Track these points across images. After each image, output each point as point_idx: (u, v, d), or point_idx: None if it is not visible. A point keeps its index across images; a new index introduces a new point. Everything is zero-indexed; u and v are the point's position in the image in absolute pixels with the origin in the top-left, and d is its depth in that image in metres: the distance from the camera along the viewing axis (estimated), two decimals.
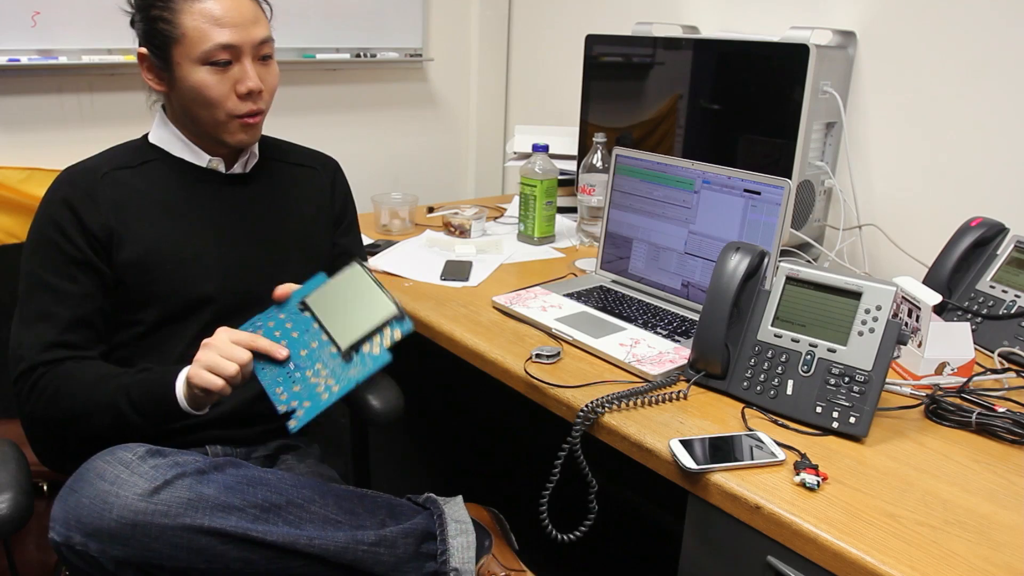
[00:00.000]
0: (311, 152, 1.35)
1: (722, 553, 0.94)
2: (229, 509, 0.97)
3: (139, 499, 0.93)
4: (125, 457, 0.97)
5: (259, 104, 1.16)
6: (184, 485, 0.96)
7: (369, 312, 1.06)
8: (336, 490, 1.09)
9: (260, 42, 1.13)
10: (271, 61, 1.17)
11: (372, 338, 1.05)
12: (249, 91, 1.13)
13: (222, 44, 1.09)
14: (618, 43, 1.86)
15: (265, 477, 1.03)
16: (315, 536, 1.01)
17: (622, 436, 1.02)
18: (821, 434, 1.01)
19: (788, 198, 1.26)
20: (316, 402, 1.04)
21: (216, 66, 1.11)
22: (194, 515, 0.95)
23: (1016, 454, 0.99)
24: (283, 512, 1.01)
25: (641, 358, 1.19)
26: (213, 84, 1.11)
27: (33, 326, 1.09)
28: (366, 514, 1.08)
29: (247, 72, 1.12)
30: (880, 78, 1.61)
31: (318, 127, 2.23)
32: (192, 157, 1.19)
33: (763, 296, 1.11)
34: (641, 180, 1.46)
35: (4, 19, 1.68)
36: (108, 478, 0.95)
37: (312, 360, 1.06)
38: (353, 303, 1.07)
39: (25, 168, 1.73)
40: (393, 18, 2.24)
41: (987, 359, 1.26)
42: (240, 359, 1.00)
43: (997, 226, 1.36)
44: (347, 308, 1.07)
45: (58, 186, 1.13)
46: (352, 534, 1.04)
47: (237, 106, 1.14)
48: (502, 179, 2.66)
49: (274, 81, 1.18)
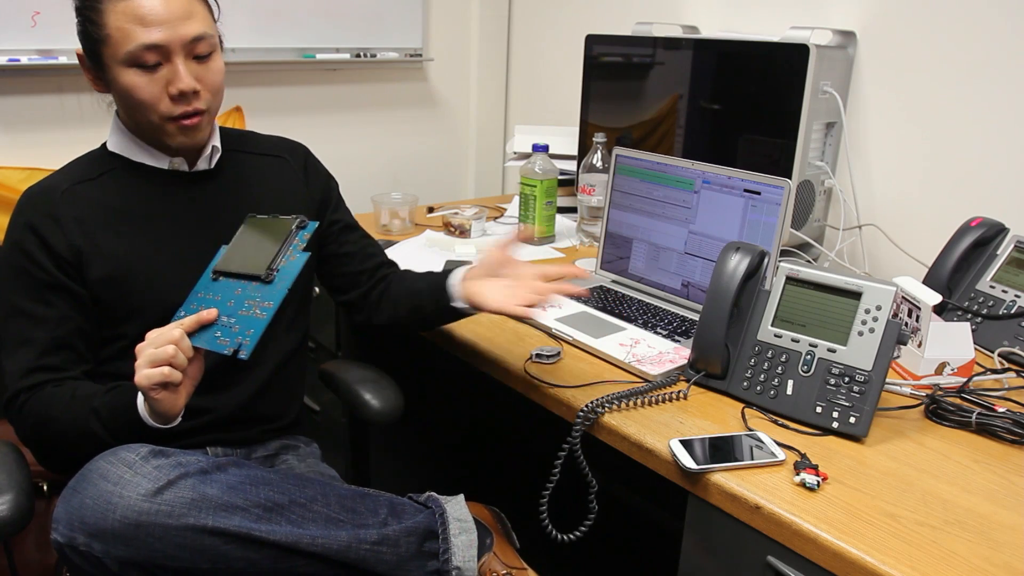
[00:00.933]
0: (278, 140, 1.31)
1: (722, 553, 0.94)
2: (232, 509, 0.97)
3: (143, 499, 0.93)
4: (128, 457, 0.96)
5: (195, 104, 1.09)
6: (187, 485, 0.96)
7: (273, 236, 1.07)
8: (338, 489, 1.09)
9: (192, 39, 1.06)
10: (213, 57, 1.10)
11: (284, 252, 1.06)
12: (181, 92, 1.06)
13: (146, 44, 1.03)
14: (618, 43, 1.86)
15: (268, 476, 1.03)
16: (318, 535, 1.00)
17: (622, 436, 1.02)
18: (821, 434, 1.01)
19: (788, 198, 1.26)
20: (256, 325, 1.03)
21: (144, 68, 1.04)
22: (198, 515, 0.94)
23: (1016, 454, 0.99)
24: (286, 511, 1.00)
25: (641, 358, 1.19)
26: (143, 86, 1.05)
27: (13, 353, 1.09)
28: (368, 513, 1.07)
29: (177, 72, 1.05)
30: (880, 78, 1.61)
31: (318, 127, 2.23)
32: (152, 160, 1.15)
33: (763, 296, 1.11)
34: (641, 180, 1.46)
35: (4, 19, 1.68)
36: (111, 479, 0.94)
37: (240, 301, 1.05)
38: (256, 240, 1.07)
39: (25, 168, 1.73)
40: (393, 18, 2.24)
41: (987, 359, 1.26)
42: (172, 337, 0.97)
43: (997, 226, 1.36)
44: (253, 246, 1.07)
45: (19, 210, 1.11)
46: (355, 533, 1.03)
47: (170, 108, 1.07)
48: (502, 179, 2.66)
49: (215, 79, 1.11)
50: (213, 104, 1.13)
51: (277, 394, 1.26)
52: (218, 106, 1.16)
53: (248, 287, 1.05)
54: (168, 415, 1.01)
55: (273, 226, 1.09)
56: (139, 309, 1.12)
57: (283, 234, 1.07)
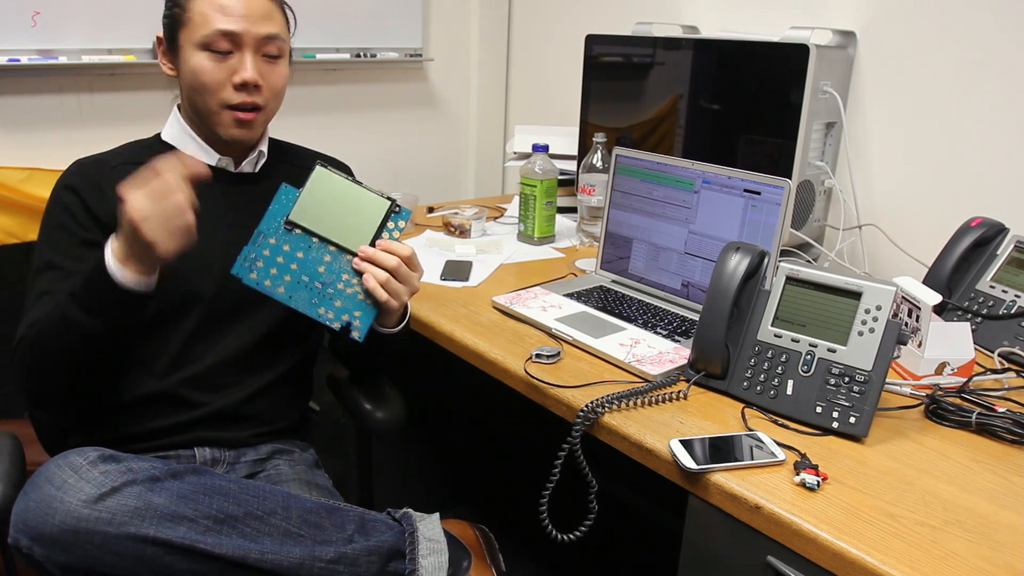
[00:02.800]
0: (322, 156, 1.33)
1: (722, 553, 0.94)
2: (178, 519, 0.94)
3: (82, 505, 0.91)
4: (76, 462, 0.95)
5: (255, 98, 1.14)
6: (132, 493, 0.94)
7: (364, 211, 1.07)
8: (303, 502, 1.06)
9: (264, 37, 1.13)
10: (279, 62, 1.17)
11: (381, 236, 1.07)
12: (244, 82, 1.12)
13: (221, 30, 1.10)
14: (618, 43, 1.86)
15: (226, 487, 1.01)
16: (268, 551, 0.98)
17: (622, 436, 1.02)
18: (821, 434, 1.01)
19: (788, 198, 1.26)
20: (365, 309, 1.07)
21: (215, 53, 1.11)
22: (139, 524, 0.92)
23: (1016, 454, 0.99)
24: (239, 524, 0.98)
25: (641, 358, 1.19)
26: (209, 69, 1.11)
27: (37, 303, 1.09)
28: (333, 528, 1.05)
29: (244, 62, 1.12)
30: (880, 78, 1.61)
31: (318, 127, 2.23)
32: (202, 155, 1.19)
33: (763, 296, 1.11)
34: (641, 180, 1.46)
35: (4, 19, 1.68)
36: (56, 482, 0.93)
37: (335, 273, 1.07)
38: (341, 207, 1.07)
39: (25, 168, 1.73)
40: (393, 18, 2.24)
41: (987, 359, 1.26)
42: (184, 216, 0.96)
43: (997, 226, 1.36)
44: (338, 213, 1.07)
45: (66, 176, 1.15)
46: (311, 550, 1.01)
47: (231, 95, 1.13)
48: (502, 179, 2.66)
49: (279, 81, 1.17)
50: (271, 105, 1.18)
51: (278, 398, 1.25)
52: (274, 110, 1.20)
53: (340, 259, 1.06)
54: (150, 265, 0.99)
55: (358, 195, 1.08)
56: (159, 293, 1.11)
57: (378, 212, 1.07)
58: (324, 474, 1.29)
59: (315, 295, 1.07)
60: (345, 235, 1.08)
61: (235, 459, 1.20)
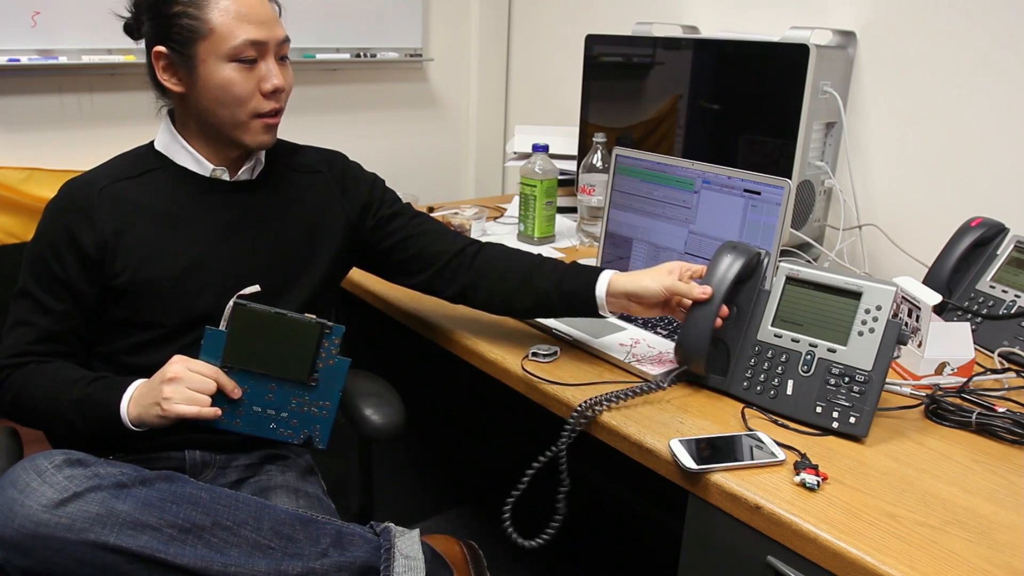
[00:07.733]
0: (316, 152, 1.31)
1: (722, 553, 0.94)
2: (141, 527, 0.93)
3: (43, 510, 0.91)
4: (41, 465, 0.94)
5: (281, 103, 1.14)
6: (96, 499, 0.93)
7: (295, 339, 1.08)
8: (278, 513, 1.05)
9: (282, 40, 1.12)
10: (287, 62, 1.16)
11: (319, 357, 1.08)
12: (275, 89, 1.11)
13: (251, 40, 1.07)
14: (618, 43, 1.86)
15: (197, 495, 1.00)
16: (233, 563, 0.97)
17: (622, 436, 1.02)
18: (821, 434, 1.01)
19: (788, 198, 1.26)
20: (322, 420, 1.10)
21: (243, 63, 1.08)
22: (100, 531, 0.91)
23: (1016, 454, 0.99)
24: (205, 534, 0.97)
25: (641, 358, 1.19)
26: (239, 81, 1.09)
27: (12, 330, 1.12)
28: (306, 541, 1.03)
29: (272, 70, 1.11)
30: (880, 78, 1.61)
31: (318, 127, 2.23)
32: (195, 166, 1.16)
33: (763, 296, 1.11)
34: (641, 180, 1.46)
35: (4, 19, 1.68)
36: (19, 486, 0.92)
37: (284, 399, 1.09)
38: (270, 339, 1.07)
39: (25, 168, 1.73)
40: (393, 18, 2.24)
41: (987, 359, 1.26)
42: (209, 388, 1.04)
43: (997, 226, 1.36)
44: (270, 346, 1.07)
45: (56, 200, 1.13)
46: (277, 564, 0.99)
47: (261, 104, 1.11)
48: (502, 179, 2.66)
49: (292, 81, 1.17)
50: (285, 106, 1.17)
51: None
52: None
53: (284, 387, 1.08)
54: (153, 425, 1.04)
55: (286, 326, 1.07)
56: (155, 310, 1.12)
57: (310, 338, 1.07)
58: (317, 480, 1.27)
59: (271, 421, 1.09)
60: (282, 367, 1.08)
61: (226, 463, 1.19)
